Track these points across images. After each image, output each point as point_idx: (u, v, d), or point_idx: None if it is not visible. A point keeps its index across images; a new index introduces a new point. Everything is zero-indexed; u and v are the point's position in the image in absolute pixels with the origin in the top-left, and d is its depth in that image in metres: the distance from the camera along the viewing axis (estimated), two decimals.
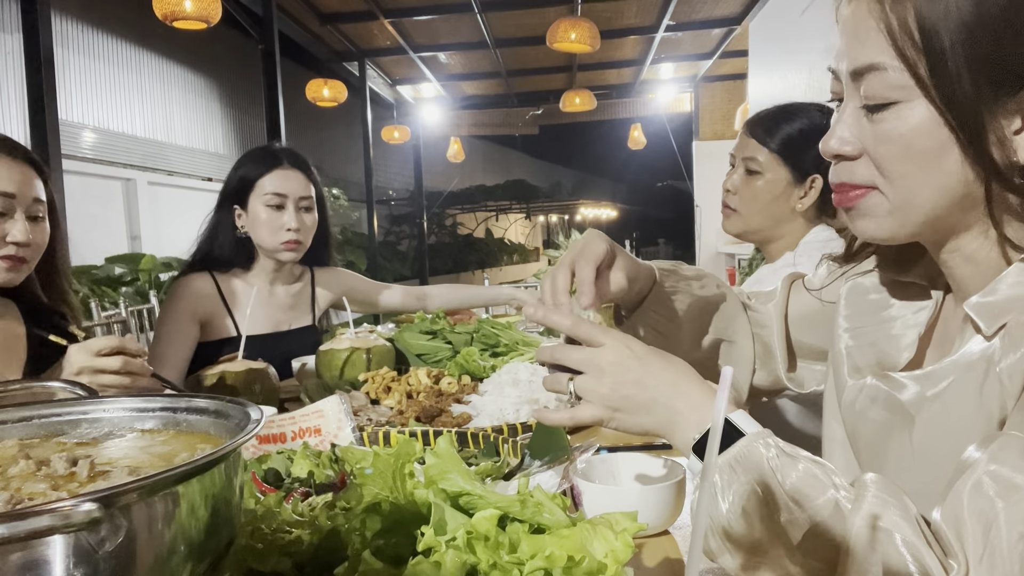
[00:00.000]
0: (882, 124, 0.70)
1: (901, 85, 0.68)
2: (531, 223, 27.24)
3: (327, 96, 7.51)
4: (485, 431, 1.20)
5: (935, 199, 0.70)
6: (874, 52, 0.69)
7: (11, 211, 1.38)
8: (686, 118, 12.28)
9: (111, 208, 9.56)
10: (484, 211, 22.60)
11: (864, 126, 0.72)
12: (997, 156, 0.66)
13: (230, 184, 2.01)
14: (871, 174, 0.73)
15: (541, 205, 26.35)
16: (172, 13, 3.96)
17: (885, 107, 0.69)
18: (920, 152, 0.69)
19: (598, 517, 0.66)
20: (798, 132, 1.59)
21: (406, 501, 0.68)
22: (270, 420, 1.19)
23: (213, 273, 2.01)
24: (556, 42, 5.81)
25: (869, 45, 0.69)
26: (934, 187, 0.70)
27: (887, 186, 0.72)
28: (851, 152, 0.73)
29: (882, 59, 0.68)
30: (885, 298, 0.88)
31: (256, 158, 2.02)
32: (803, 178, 1.59)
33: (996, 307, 0.69)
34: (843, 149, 0.74)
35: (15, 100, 7.68)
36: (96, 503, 0.45)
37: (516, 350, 1.97)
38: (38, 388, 1.04)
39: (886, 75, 0.68)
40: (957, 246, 0.74)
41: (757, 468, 0.65)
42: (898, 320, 0.84)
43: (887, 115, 0.70)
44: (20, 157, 1.42)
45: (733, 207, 1.66)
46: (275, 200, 1.96)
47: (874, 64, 0.69)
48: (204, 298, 1.98)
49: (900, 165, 0.70)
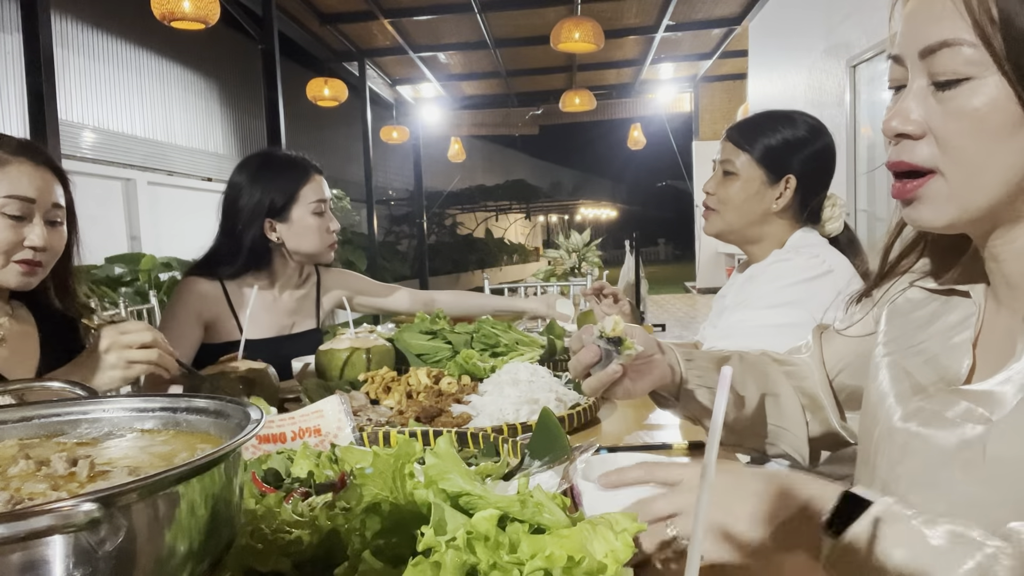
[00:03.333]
0: (954, 101, 0.69)
1: (975, 61, 0.67)
2: (531, 223, 27.25)
3: (328, 95, 7.51)
4: (485, 431, 1.20)
5: (999, 181, 0.70)
6: (948, 29, 0.69)
7: (30, 216, 1.39)
8: (686, 118, 12.28)
9: (111, 208, 9.56)
10: (484, 211, 22.61)
11: (931, 105, 0.71)
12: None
13: (263, 199, 2.02)
14: (933, 155, 0.72)
15: (541, 205, 26.37)
16: (170, 13, 3.95)
17: (957, 83, 0.69)
18: (992, 128, 0.68)
19: (598, 517, 0.66)
20: (772, 134, 1.63)
21: (406, 501, 0.68)
22: (270, 420, 1.19)
23: (221, 278, 2.01)
24: (560, 42, 5.77)
25: (943, 22, 0.69)
26: (1000, 167, 0.69)
27: (949, 167, 0.71)
28: (914, 131, 0.72)
29: (956, 35, 0.68)
30: (928, 313, 0.86)
31: (287, 169, 2.06)
32: (778, 179, 1.62)
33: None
34: (906, 127, 0.73)
35: (15, 100, 7.68)
36: (96, 503, 0.45)
37: (516, 350, 1.97)
38: (38, 388, 1.04)
39: (960, 51, 0.68)
40: (1012, 237, 0.73)
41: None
42: (947, 332, 0.83)
43: (959, 92, 0.69)
44: (42, 163, 1.43)
45: (713, 207, 1.70)
46: (320, 207, 2.05)
47: (947, 40, 0.69)
48: (210, 301, 1.99)
49: (969, 142, 0.69)
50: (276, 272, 2.09)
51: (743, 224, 1.67)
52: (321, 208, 2.05)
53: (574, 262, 5.45)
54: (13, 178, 1.36)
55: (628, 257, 7.19)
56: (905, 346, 0.86)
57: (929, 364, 0.82)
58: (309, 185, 2.05)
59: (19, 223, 1.37)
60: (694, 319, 9.79)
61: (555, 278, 4.71)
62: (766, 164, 1.62)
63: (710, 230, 1.72)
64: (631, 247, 7.20)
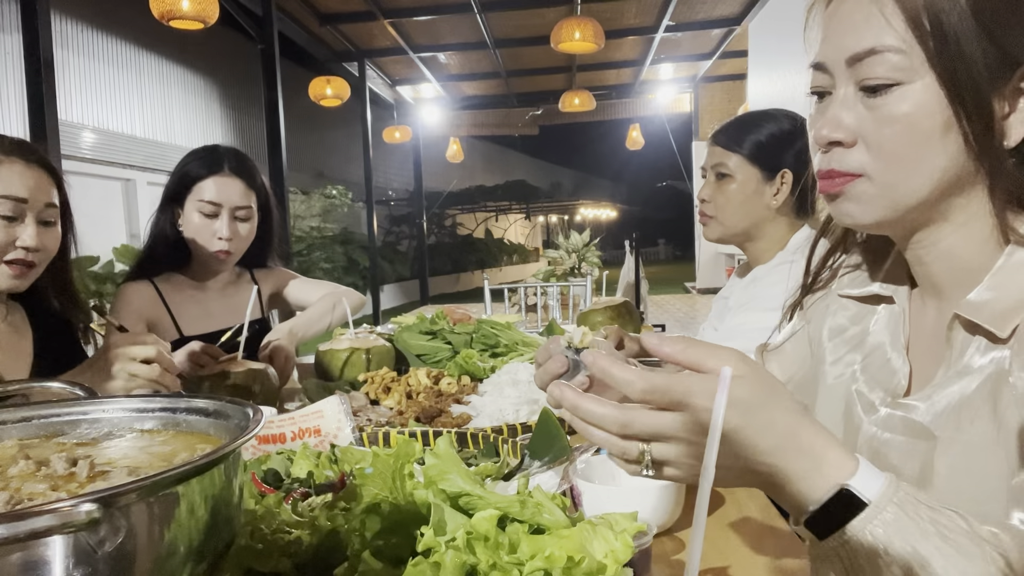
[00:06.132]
0: (884, 107, 0.70)
1: (903, 67, 0.68)
2: (531, 223, 27.26)
3: (331, 94, 7.45)
4: (485, 431, 1.20)
5: (928, 183, 0.70)
6: (874, 36, 0.69)
7: (22, 216, 1.38)
8: (686, 118, 12.29)
9: (111, 208, 9.56)
10: (484, 211, 22.61)
11: (860, 112, 0.72)
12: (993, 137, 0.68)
13: (171, 183, 1.96)
14: (863, 162, 0.72)
15: (541, 205, 26.37)
16: (169, 12, 3.94)
17: (887, 89, 0.70)
18: (923, 132, 0.69)
19: (598, 517, 0.66)
20: (762, 132, 1.63)
21: (406, 501, 0.68)
22: (270, 421, 1.19)
23: (152, 279, 1.96)
24: (561, 43, 5.73)
25: (869, 30, 0.70)
26: (930, 169, 0.70)
27: (879, 171, 0.72)
28: (846, 138, 0.73)
29: (883, 42, 0.69)
30: (861, 330, 0.87)
31: (198, 160, 1.96)
32: (772, 175, 1.62)
33: (1003, 309, 0.67)
34: (837, 135, 0.73)
35: (15, 101, 7.68)
36: (96, 503, 0.45)
37: (516, 350, 1.97)
38: (38, 388, 1.04)
39: (887, 57, 0.69)
40: (936, 239, 0.74)
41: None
42: (883, 344, 0.83)
43: (889, 98, 0.70)
44: (35, 161, 1.41)
45: (710, 214, 1.71)
46: (208, 208, 1.90)
47: (874, 48, 0.69)
48: (147, 302, 1.93)
49: (901, 146, 0.70)
50: (200, 267, 2.00)
51: (744, 225, 1.67)
52: (209, 210, 1.90)
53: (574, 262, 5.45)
54: (4, 178, 1.34)
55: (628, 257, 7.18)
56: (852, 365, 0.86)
57: (875, 379, 0.82)
58: (207, 182, 1.91)
59: (10, 223, 1.36)
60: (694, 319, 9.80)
61: (555, 278, 4.71)
62: (759, 162, 1.63)
63: (711, 236, 1.73)
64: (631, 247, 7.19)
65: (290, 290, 2.21)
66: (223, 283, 2.07)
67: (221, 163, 1.93)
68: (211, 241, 1.92)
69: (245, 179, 1.96)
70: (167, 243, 1.96)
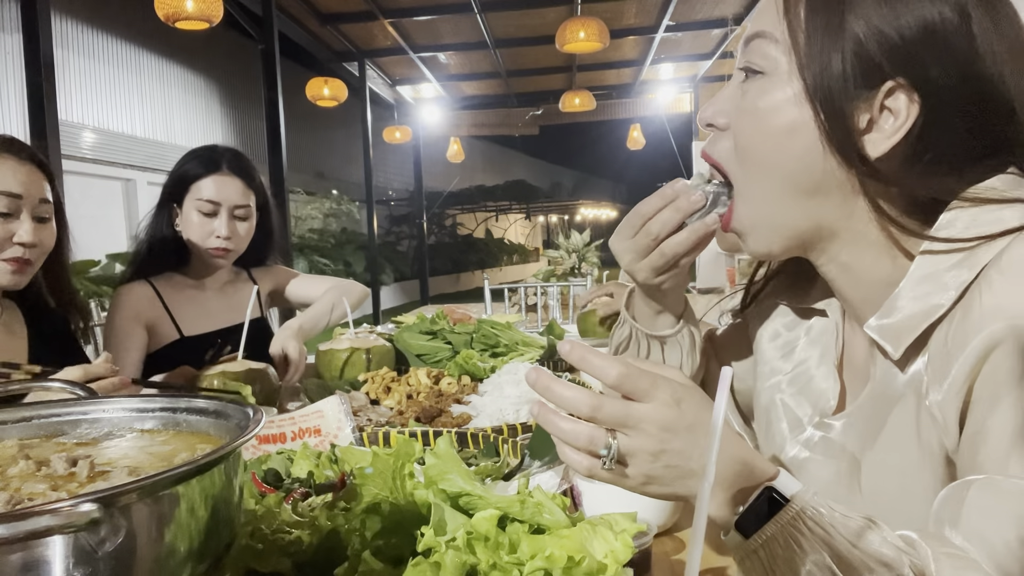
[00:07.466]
0: (747, 95, 0.70)
1: (772, 56, 0.68)
2: (531, 223, 27.25)
3: (327, 95, 7.49)
4: (485, 431, 1.20)
5: (786, 192, 0.68)
6: (766, 22, 0.69)
7: (17, 212, 1.38)
8: (686, 118, 12.26)
9: (111, 208, 9.56)
10: (484, 211, 22.61)
11: (736, 97, 0.71)
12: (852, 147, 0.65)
13: (169, 183, 1.97)
14: (727, 150, 0.72)
15: (541, 205, 26.38)
16: (174, 14, 3.95)
17: (755, 75, 0.69)
18: (771, 128, 0.68)
19: (598, 517, 0.66)
20: None
21: (406, 501, 0.68)
22: (270, 420, 1.19)
23: (151, 279, 1.96)
24: (565, 43, 5.71)
25: (765, 15, 0.69)
26: (780, 174, 0.68)
27: (736, 173, 0.71)
28: (722, 123, 0.72)
29: (765, 27, 0.68)
30: (794, 337, 0.85)
31: (197, 159, 1.97)
32: None
33: (897, 327, 0.66)
34: (716, 119, 0.73)
35: (15, 101, 7.68)
36: (96, 503, 0.45)
37: (516, 350, 1.97)
38: (37, 388, 1.04)
39: (762, 43, 0.68)
40: (832, 255, 0.72)
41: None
42: (810, 358, 0.81)
43: (752, 86, 0.69)
44: (27, 158, 1.41)
45: None
46: (207, 207, 1.92)
47: (761, 31, 0.69)
48: (145, 303, 1.93)
49: (748, 139, 0.69)
50: (199, 266, 2.01)
51: None
52: (208, 208, 1.91)
53: (574, 262, 5.44)
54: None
55: None
56: (780, 376, 0.85)
57: (803, 393, 0.81)
58: (206, 180, 1.92)
59: (6, 220, 1.36)
60: None
61: (555, 278, 4.71)
62: None
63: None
64: None
65: (291, 288, 2.22)
66: (221, 282, 2.07)
67: (220, 162, 1.95)
68: (209, 240, 1.93)
69: (244, 178, 1.97)
70: (164, 243, 1.96)
